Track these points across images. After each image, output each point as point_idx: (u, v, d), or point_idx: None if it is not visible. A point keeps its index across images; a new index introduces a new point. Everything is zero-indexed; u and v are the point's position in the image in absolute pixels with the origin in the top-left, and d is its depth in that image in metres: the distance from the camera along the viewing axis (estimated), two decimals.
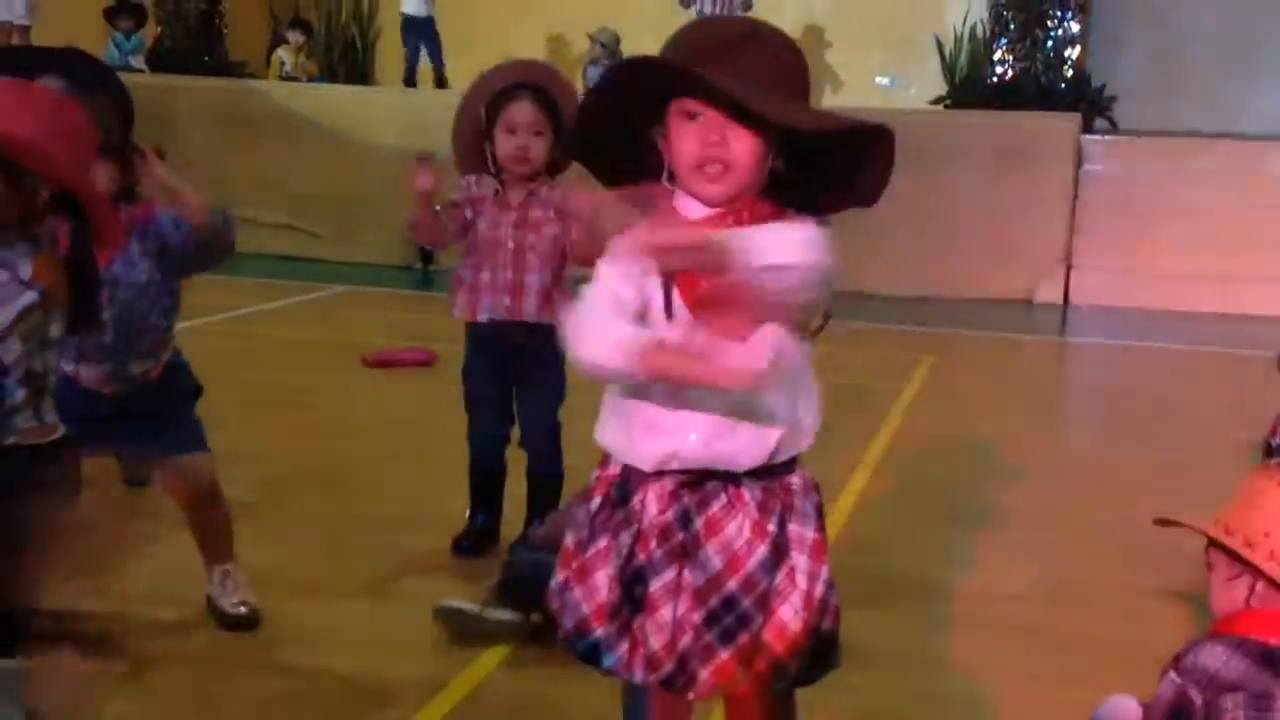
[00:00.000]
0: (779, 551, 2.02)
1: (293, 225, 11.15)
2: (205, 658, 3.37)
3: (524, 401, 4.06)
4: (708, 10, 11.46)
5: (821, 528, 2.07)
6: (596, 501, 2.09)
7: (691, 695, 2.07)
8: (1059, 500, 5.09)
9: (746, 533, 2.01)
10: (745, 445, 1.99)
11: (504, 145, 3.83)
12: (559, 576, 2.12)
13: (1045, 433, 6.34)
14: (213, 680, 3.25)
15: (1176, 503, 2.38)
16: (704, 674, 2.02)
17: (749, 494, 2.02)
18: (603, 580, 2.06)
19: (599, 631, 2.06)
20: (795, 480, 2.06)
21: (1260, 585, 2.02)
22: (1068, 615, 3.79)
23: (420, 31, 12.04)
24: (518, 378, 4.01)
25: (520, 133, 3.81)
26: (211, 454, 3.50)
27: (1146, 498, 4.80)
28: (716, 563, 2.00)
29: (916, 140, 10.86)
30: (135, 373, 3.36)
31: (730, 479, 2.02)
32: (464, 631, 3.43)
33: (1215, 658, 1.95)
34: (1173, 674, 1.99)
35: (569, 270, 3.91)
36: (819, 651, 2.06)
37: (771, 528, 2.02)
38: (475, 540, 4.11)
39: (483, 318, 3.94)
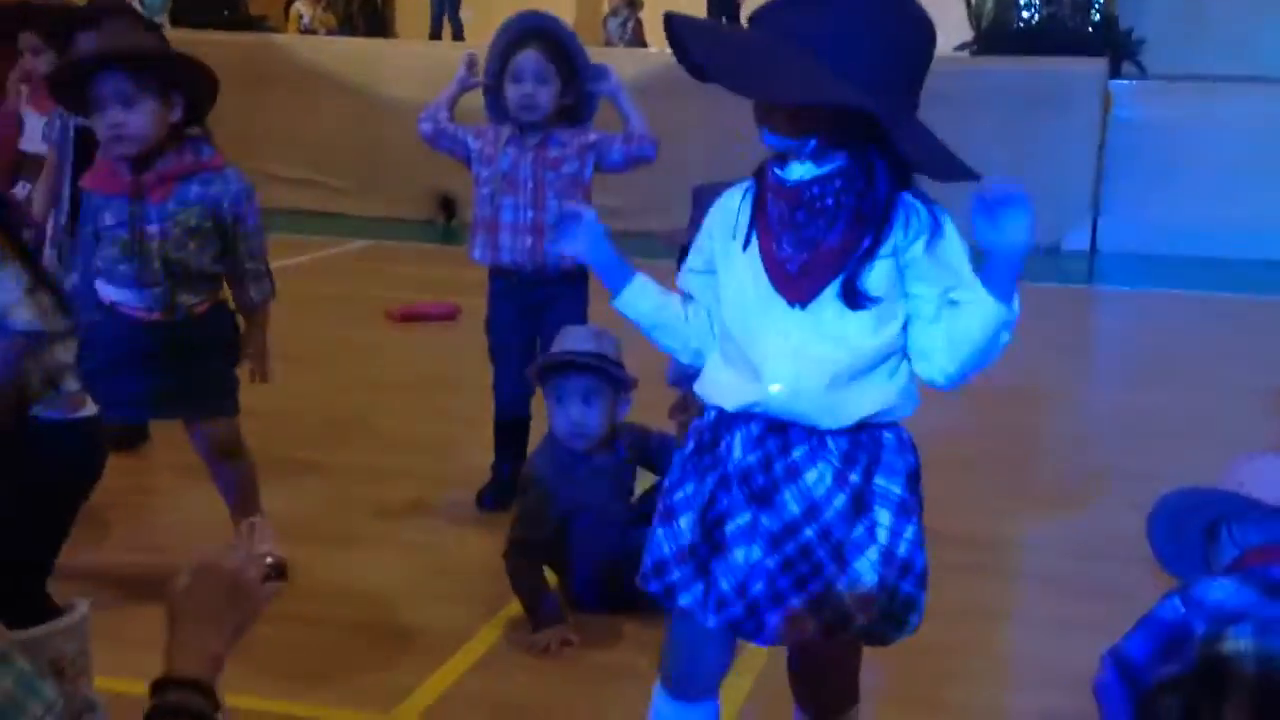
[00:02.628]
0: (860, 504, 1.99)
1: (314, 180, 11.13)
2: None
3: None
4: None
5: (913, 488, 2.04)
6: (690, 446, 2.11)
7: (759, 642, 2.07)
8: (1087, 449, 5.05)
9: (828, 481, 1.99)
10: (827, 408, 1.98)
11: (512, 94, 3.92)
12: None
13: (1073, 381, 6.30)
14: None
15: (1206, 451, 2.35)
16: (773, 620, 2.01)
17: (834, 442, 2.00)
18: (687, 523, 2.07)
19: (675, 573, 2.07)
20: (889, 435, 2.04)
21: None
22: (1096, 564, 3.77)
23: None
24: (542, 327, 4.00)
25: (526, 81, 3.88)
26: (237, 415, 3.50)
27: (1176, 446, 4.77)
28: (794, 509, 1.99)
29: (942, 87, 10.73)
30: (184, 303, 3.37)
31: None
32: None
33: (1222, 590, 1.93)
34: (1177, 600, 1.96)
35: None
36: (895, 611, 2.02)
37: (855, 478, 2.00)
38: (499, 493, 4.11)
39: (504, 259, 3.98)
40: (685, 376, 4.21)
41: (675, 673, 2.21)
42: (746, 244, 2.01)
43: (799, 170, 1.98)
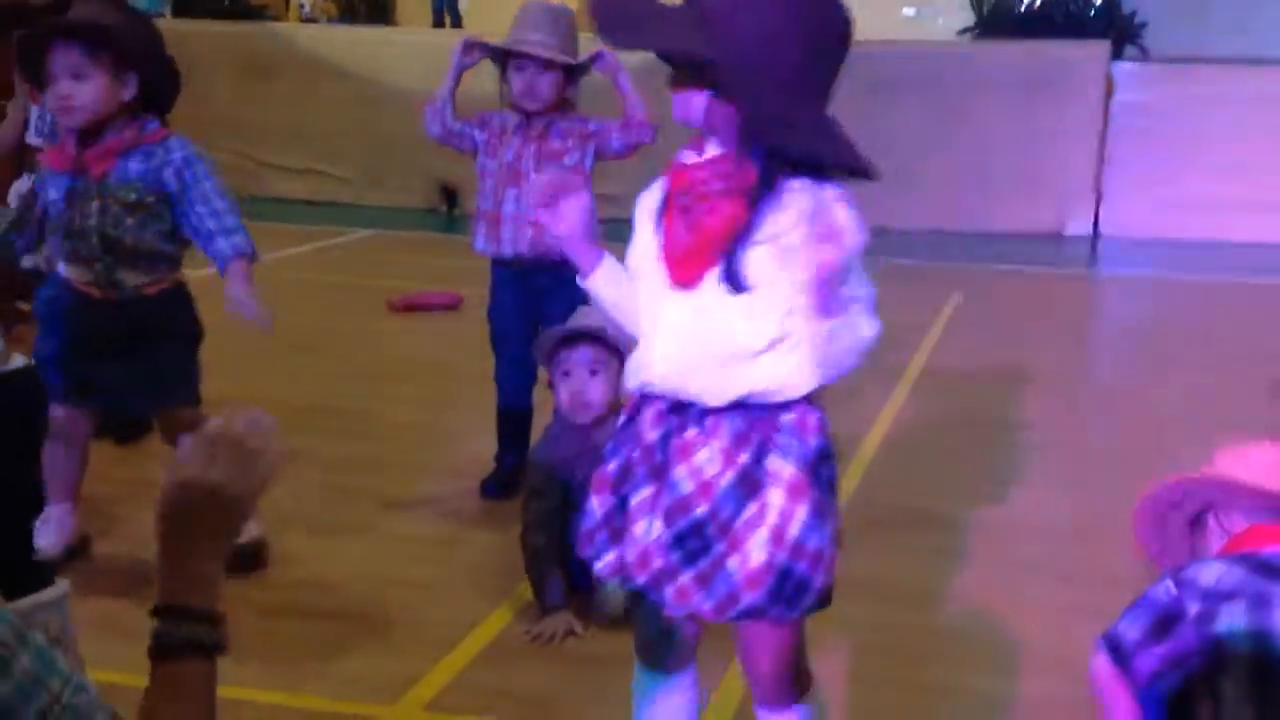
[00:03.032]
0: (749, 483, 2.02)
1: (315, 169, 11.13)
2: (225, 596, 3.39)
3: None
4: None
5: (809, 469, 2.04)
6: (621, 419, 2.20)
7: (668, 612, 2.12)
8: (1089, 434, 5.06)
9: (717, 460, 2.04)
10: (707, 385, 2.03)
11: (515, 83, 3.99)
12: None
13: (1075, 366, 6.30)
14: (230, 620, 3.27)
15: (1208, 436, 2.35)
16: (669, 592, 2.07)
17: (728, 423, 2.04)
18: (605, 494, 2.17)
19: (598, 537, 2.18)
20: (788, 417, 2.04)
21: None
22: (1098, 549, 3.78)
23: None
24: (543, 315, 4.01)
25: (528, 70, 3.95)
26: (197, 405, 3.49)
27: (1177, 430, 4.77)
28: (686, 486, 2.04)
29: (944, 72, 10.81)
30: (127, 283, 3.37)
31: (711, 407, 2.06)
32: None
33: (1213, 571, 1.94)
34: (1170, 583, 1.97)
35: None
36: (786, 592, 2.03)
37: (744, 459, 2.02)
38: (503, 482, 4.12)
39: (506, 251, 4.00)
40: None
41: (642, 644, 2.33)
42: (657, 227, 2.10)
43: (691, 157, 2.05)
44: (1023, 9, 11.15)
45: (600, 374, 3.33)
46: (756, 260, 1.97)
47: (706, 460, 2.04)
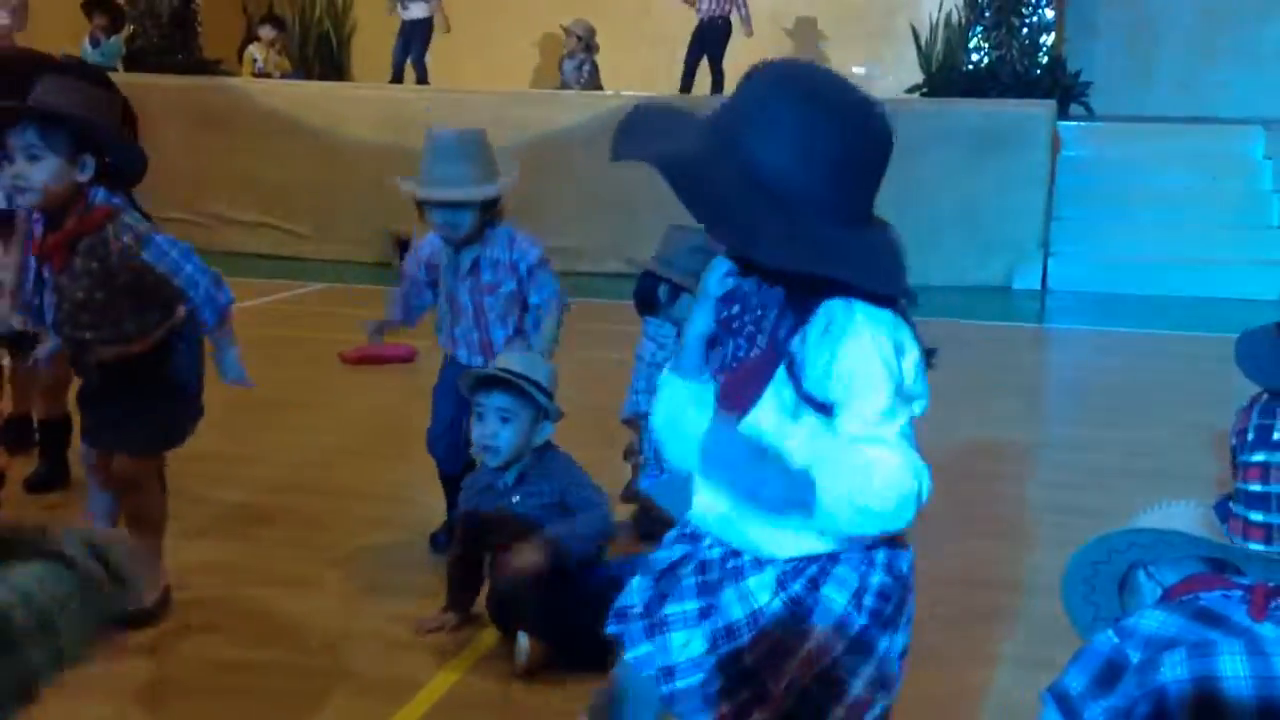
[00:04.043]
0: (800, 612, 1.93)
1: (268, 223, 11.11)
2: (184, 651, 3.36)
3: None
4: (704, 9, 11.47)
5: (860, 605, 1.94)
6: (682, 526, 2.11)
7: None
8: (1039, 487, 5.10)
9: (770, 586, 1.95)
10: (762, 541, 1.94)
11: (435, 217, 3.95)
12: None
13: (1024, 419, 6.36)
14: (190, 674, 3.24)
15: (1157, 488, 2.39)
16: (706, 696, 1.99)
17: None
18: (647, 583, 2.07)
19: (634, 624, 2.07)
20: (850, 554, 1.96)
21: None
22: (1045, 600, 3.79)
23: (418, 31, 11.94)
24: None
25: (445, 208, 3.91)
26: (140, 456, 3.50)
27: (1126, 483, 4.82)
28: (737, 612, 1.96)
29: (893, 129, 10.88)
30: (97, 356, 3.43)
31: None
32: None
33: (1153, 619, 1.96)
34: (1111, 632, 1.99)
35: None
36: (799, 714, 1.94)
37: (796, 588, 1.94)
38: (452, 534, 4.11)
39: (461, 358, 4.08)
40: (638, 416, 4.26)
41: (609, 707, 2.23)
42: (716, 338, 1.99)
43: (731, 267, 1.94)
44: (970, 67, 11.34)
45: (511, 422, 3.39)
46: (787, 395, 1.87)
47: (758, 585, 1.95)
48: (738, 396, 1.90)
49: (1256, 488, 2.46)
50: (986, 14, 11.30)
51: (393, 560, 4.08)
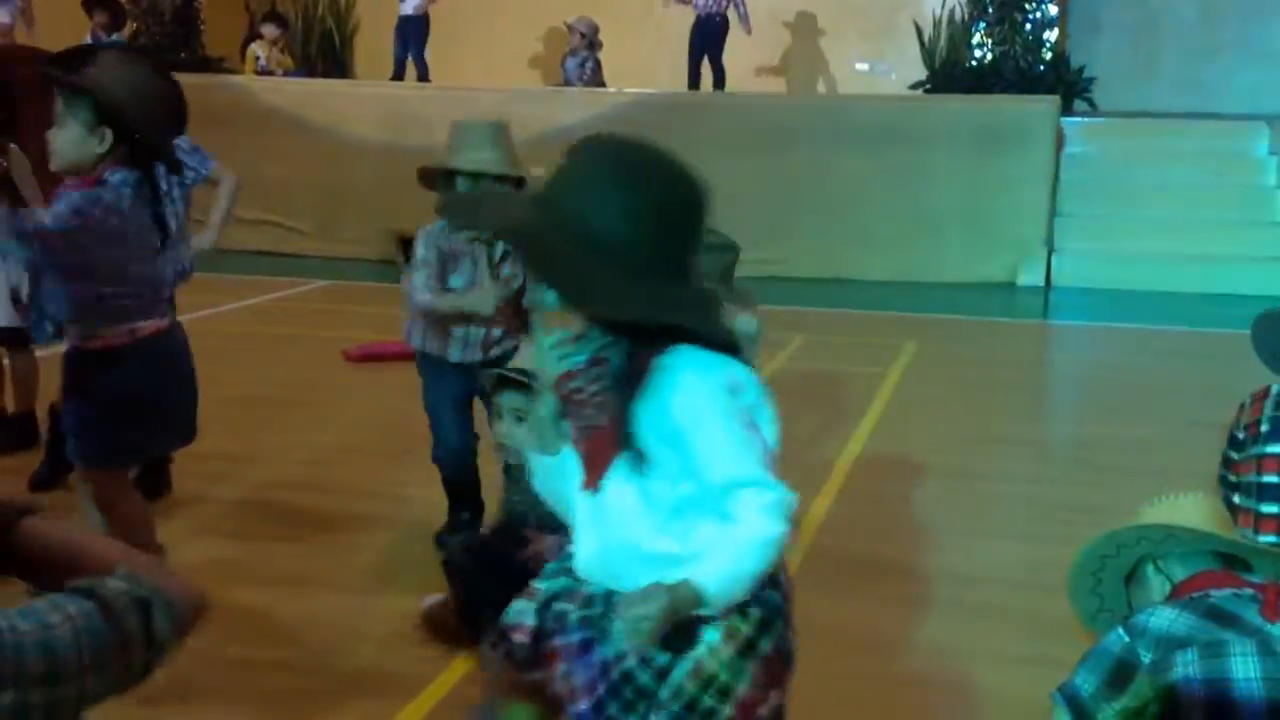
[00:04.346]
0: (685, 635, 1.96)
1: (272, 221, 11.11)
2: (184, 650, 3.35)
3: None
4: (700, 5, 11.45)
5: (746, 617, 1.98)
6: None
7: None
8: (1042, 483, 5.10)
9: (656, 618, 1.92)
10: (630, 582, 1.96)
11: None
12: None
13: (1029, 415, 6.35)
14: (189, 674, 3.24)
15: (1161, 485, 2.38)
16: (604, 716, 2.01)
17: None
18: (532, 609, 2.11)
19: (525, 648, 2.10)
20: None
21: None
22: (1049, 599, 3.78)
23: (412, 28, 11.96)
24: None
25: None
26: (87, 469, 3.45)
27: (1130, 480, 4.81)
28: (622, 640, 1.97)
29: (897, 125, 10.93)
30: (69, 337, 3.37)
31: None
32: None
33: (1164, 618, 1.95)
34: (1121, 630, 1.98)
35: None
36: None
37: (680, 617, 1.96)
38: (457, 534, 4.10)
39: (454, 357, 4.03)
40: None
41: None
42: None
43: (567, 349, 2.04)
44: (974, 64, 11.32)
45: (525, 420, 3.35)
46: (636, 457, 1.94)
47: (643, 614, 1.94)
48: (593, 465, 2.00)
49: (1272, 479, 2.45)
50: (990, 10, 11.28)
51: (395, 559, 4.08)
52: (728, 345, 1.96)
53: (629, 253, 1.90)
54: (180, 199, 4.58)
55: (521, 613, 2.12)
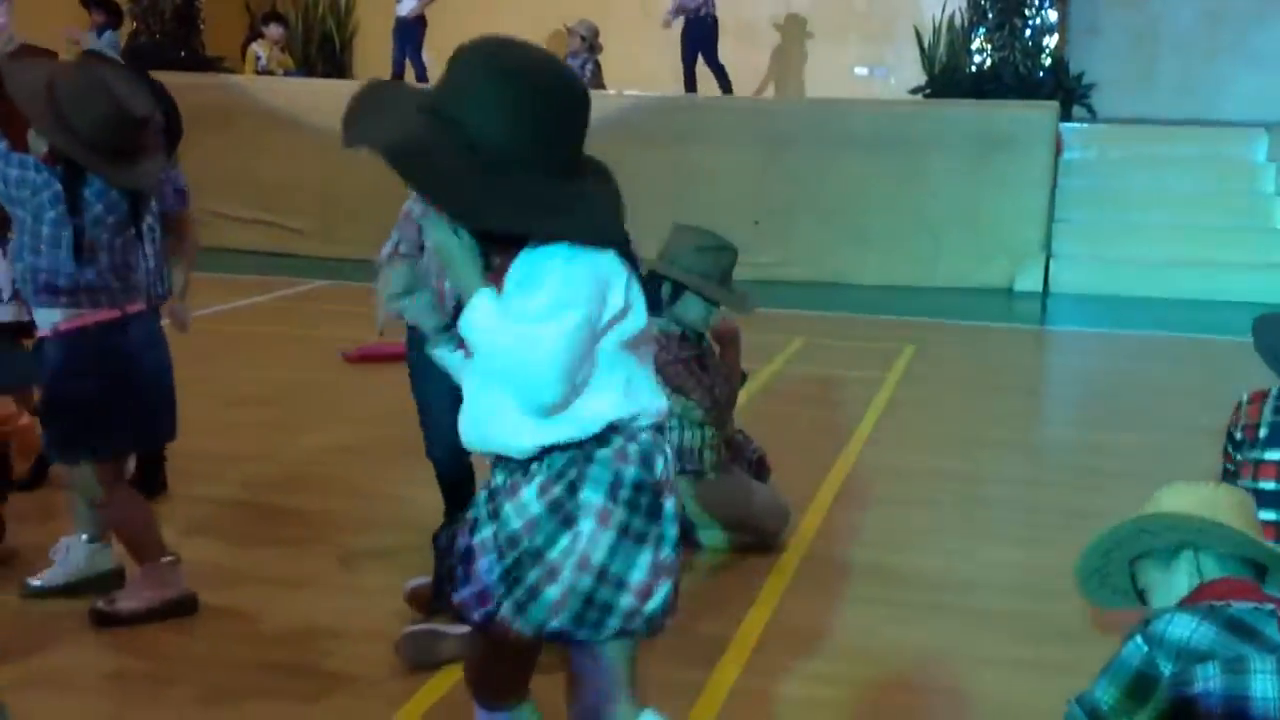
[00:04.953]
0: (563, 515, 2.09)
1: (270, 221, 11.10)
2: (184, 650, 3.36)
3: None
4: (688, 6, 11.47)
5: (616, 496, 2.09)
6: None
7: (497, 636, 2.17)
8: (1038, 487, 5.10)
9: (535, 494, 2.12)
10: (508, 438, 2.12)
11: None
12: None
13: (1026, 421, 6.36)
14: (189, 674, 3.24)
15: (1155, 490, 2.38)
16: (500, 615, 2.12)
17: (549, 459, 2.12)
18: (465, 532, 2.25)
19: (457, 575, 2.23)
20: (604, 452, 2.10)
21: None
22: (1048, 603, 3.80)
23: (408, 30, 11.98)
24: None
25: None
26: (61, 461, 3.50)
27: (1126, 484, 4.81)
28: (514, 522, 2.12)
29: (897, 130, 10.94)
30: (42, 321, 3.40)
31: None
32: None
33: (1184, 627, 1.94)
34: (1140, 639, 1.97)
35: None
36: (590, 616, 2.10)
37: (558, 491, 2.10)
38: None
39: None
40: None
41: (475, 678, 2.39)
42: None
43: None
44: (973, 69, 11.33)
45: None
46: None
47: (529, 497, 2.11)
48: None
49: (1270, 485, 2.45)
50: (989, 16, 11.29)
51: (393, 559, 4.07)
52: (606, 241, 2.05)
53: (509, 153, 1.98)
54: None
55: (456, 548, 2.24)
